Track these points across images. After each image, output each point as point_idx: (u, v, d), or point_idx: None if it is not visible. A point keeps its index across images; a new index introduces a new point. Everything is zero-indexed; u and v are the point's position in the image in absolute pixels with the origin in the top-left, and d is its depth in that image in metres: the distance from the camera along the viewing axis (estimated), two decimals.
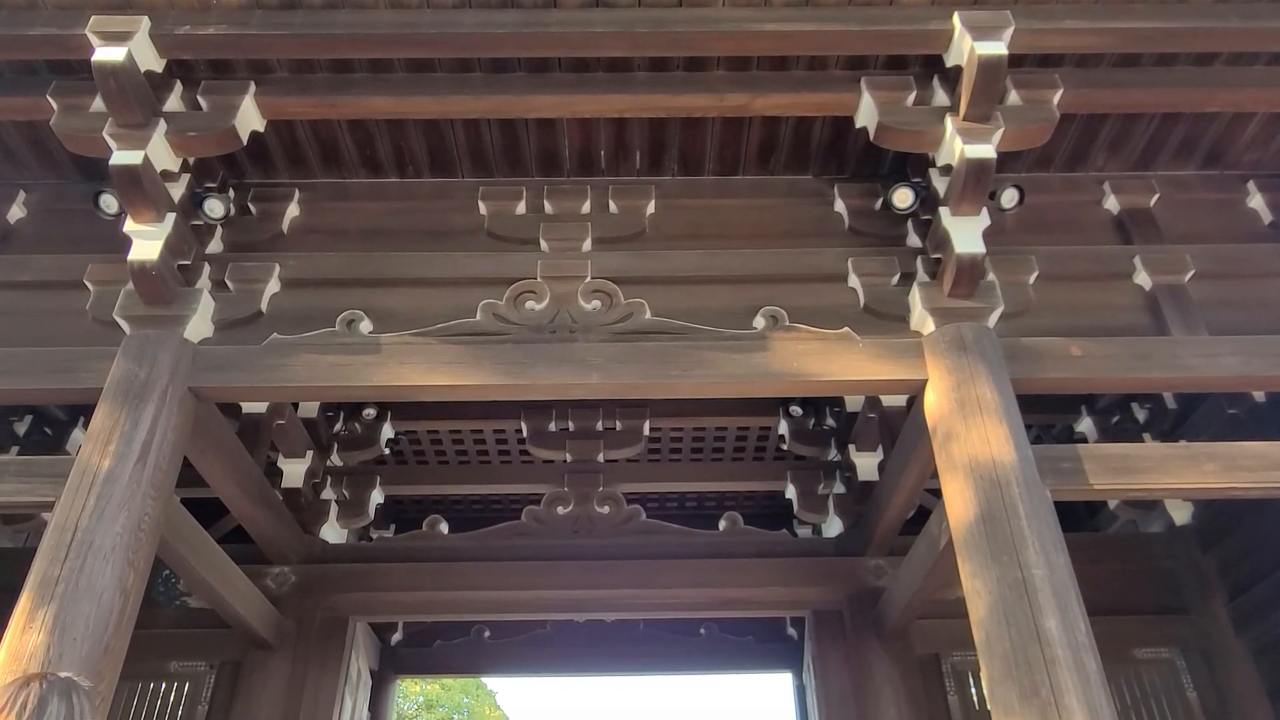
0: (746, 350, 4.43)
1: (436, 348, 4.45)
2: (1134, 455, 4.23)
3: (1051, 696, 3.43)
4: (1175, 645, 5.78)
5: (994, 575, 3.74)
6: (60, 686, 2.29)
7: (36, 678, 2.31)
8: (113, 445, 4.00)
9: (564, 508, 6.30)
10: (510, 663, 7.78)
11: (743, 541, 6.22)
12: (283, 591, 5.87)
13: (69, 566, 3.68)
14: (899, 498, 5.33)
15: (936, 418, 4.22)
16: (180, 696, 5.85)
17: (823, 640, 5.95)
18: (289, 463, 6.15)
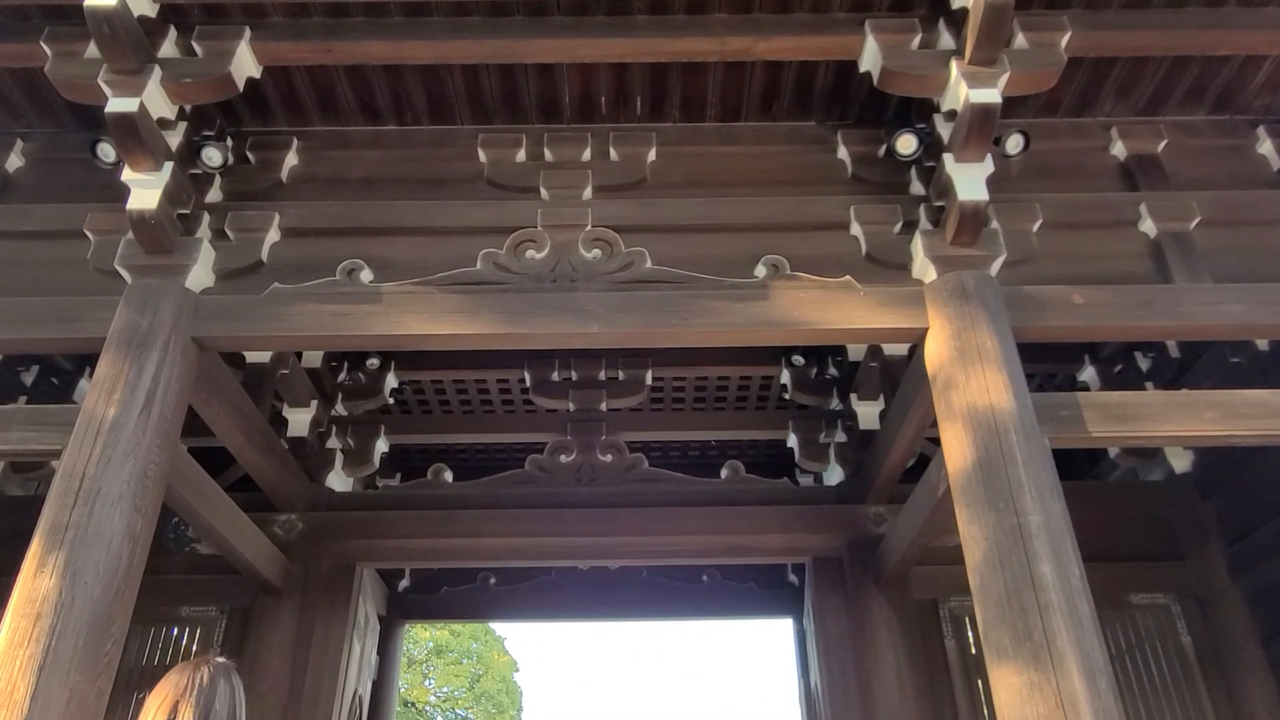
0: (747, 299, 4.43)
1: (437, 297, 4.45)
2: (1133, 403, 4.24)
3: (1044, 640, 3.49)
4: (1170, 591, 5.85)
5: (990, 522, 3.78)
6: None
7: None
8: (117, 394, 4.04)
9: (567, 456, 6.35)
10: (516, 609, 7.91)
11: (744, 489, 6.28)
12: (290, 539, 5.96)
13: (78, 513, 3.74)
14: (899, 446, 5.36)
15: (936, 366, 4.22)
16: (193, 640, 5.99)
17: (822, 586, 6.03)
18: (294, 412, 6.20)
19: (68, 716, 3.43)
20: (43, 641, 3.48)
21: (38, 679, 3.40)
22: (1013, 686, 3.49)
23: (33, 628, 3.50)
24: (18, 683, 3.40)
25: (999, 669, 3.58)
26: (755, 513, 6.09)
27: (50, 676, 3.43)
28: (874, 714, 5.48)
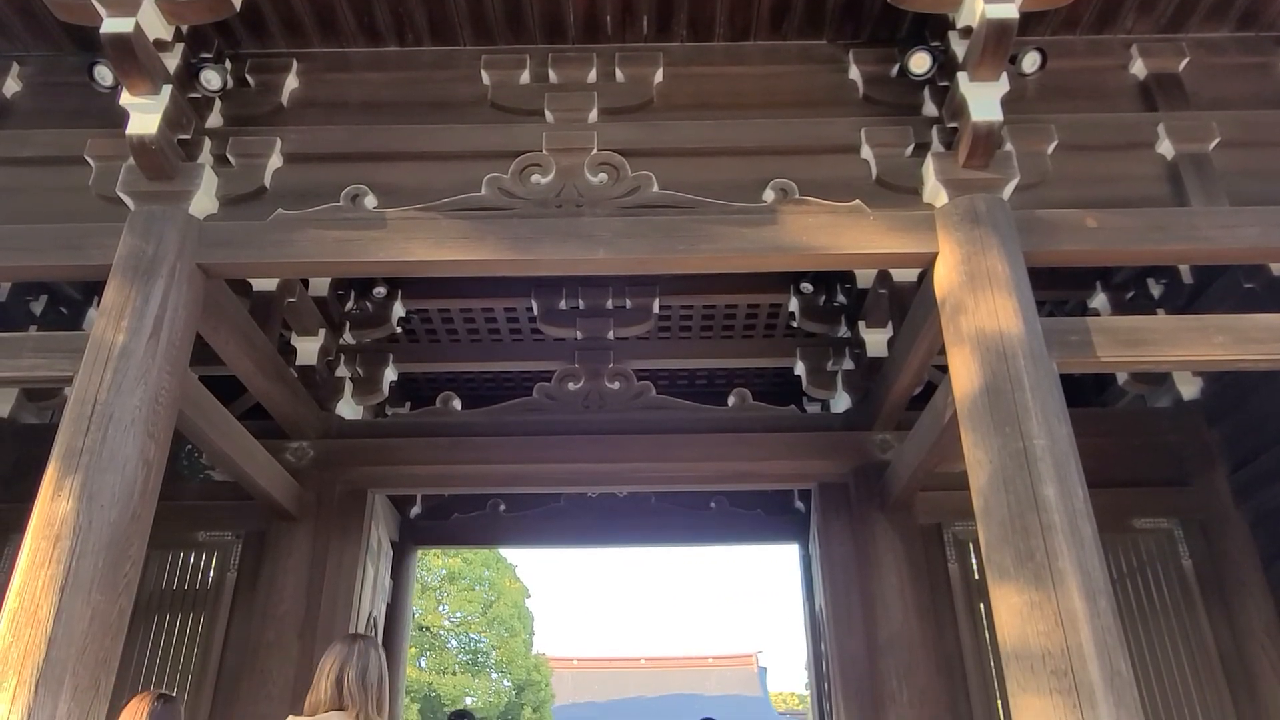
0: (755, 224, 4.38)
1: (442, 223, 4.41)
2: (1143, 328, 4.21)
3: (1046, 560, 3.54)
4: (1174, 515, 5.90)
5: (996, 445, 3.80)
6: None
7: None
8: (125, 321, 4.05)
9: (575, 384, 6.38)
10: (525, 535, 8.04)
11: (751, 417, 6.31)
12: (302, 465, 6.04)
13: (91, 438, 3.79)
14: (906, 373, 5.36)
15: (946, 291, 4.19)
16: (210, 564, 6.12)
17: (828, 511, 6.11)
18: (302, 340, 6.23)
19: (91, 634, 3.53)
20: (63, 562, 3.56)
21: (60, 598, 3.49)
22: (1013, 605, 3.55)
23: (52, 549, 3.58)
24: (41, 601, 3.49)
25: (1000, 588, 3.63)
26: (762, 439, 6.13)
27: (72, 596, 3.52)
28: (877, 635, 5.60)
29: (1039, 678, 3.39)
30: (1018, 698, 3.49)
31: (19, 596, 3.51)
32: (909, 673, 5.46)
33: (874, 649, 5.57)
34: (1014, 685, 3.52)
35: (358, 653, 3.21)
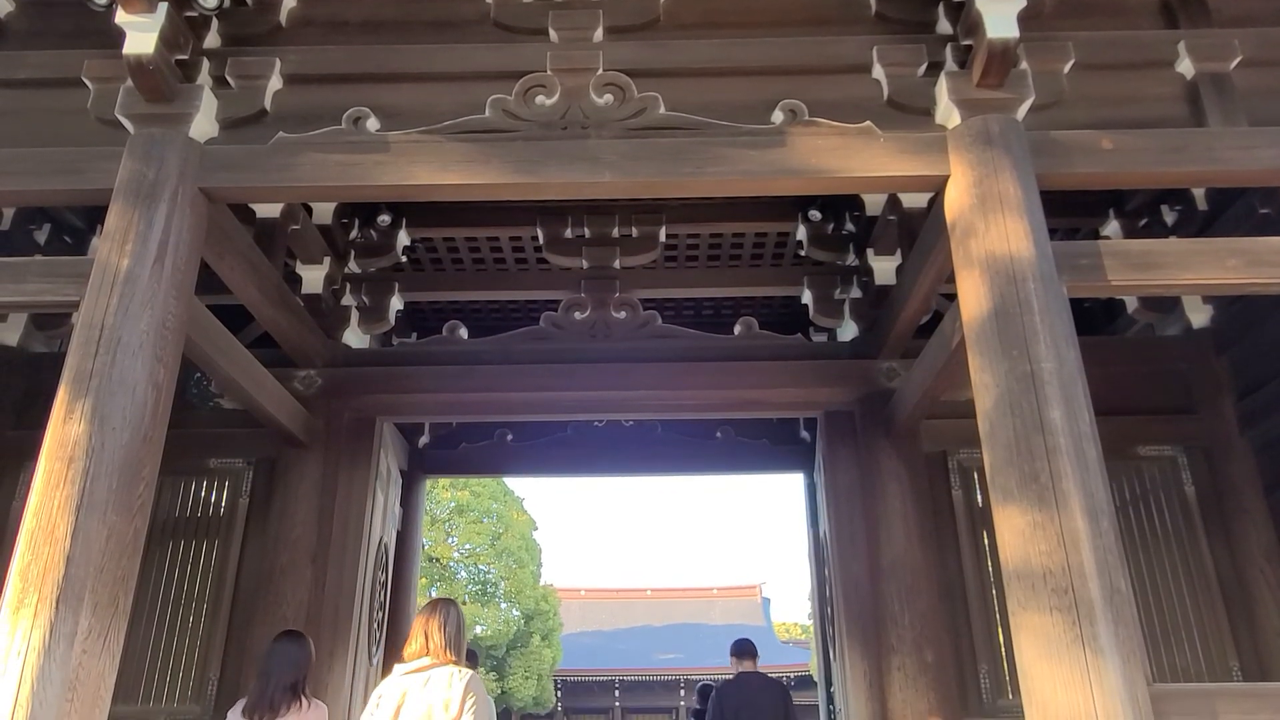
0: (764, 146, 4.30)
1: (446, 146, 4.35)
2: (1155, 251, 4.16)
3: (1050, 482, 3.56)
4: (1178, 443, 5.93)
5: (1003, 369, 3.79)
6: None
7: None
8: (129, 245, 4.03)
9: (581, 313, 6.36)
10: (532, 463, 8.12)
11: (758, 345, 6.31)
12: (310, 393, 6.08)
13: (100, 361, 3.81)
14: (914, 300, 5.33)
15: (956, 214, 4.14)
16: (222, 490, 6.22)
17: (834, 439, 6.14)
18: (307, 269, 6.20)
19: (108, 553, 3.60)
20: (78, 483, 3.61)
21: (76, 518, 3.55)
22: (1016, 527, 3.59)
23: (67, 470, 3.63)
24: (58, 521, 3.55)
25: (1004, 510, 3.66)
26: (768, 368, 6.14)
27: (88, 516, 3.57)
28: (880, 560, 5.68)
29: (1039, 596, 3.44)
30: (1018, 616, 3.54)
31: (36, 516, 3.57)
32: (911, 596, 5.55)
33: (877, 573, 5.66)
34: (1014, 604, 3.57)
35: (444, 612, 3.87)
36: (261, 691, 4.02)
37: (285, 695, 3.99)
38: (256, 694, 4.05)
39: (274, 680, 4.02)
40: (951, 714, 5.33)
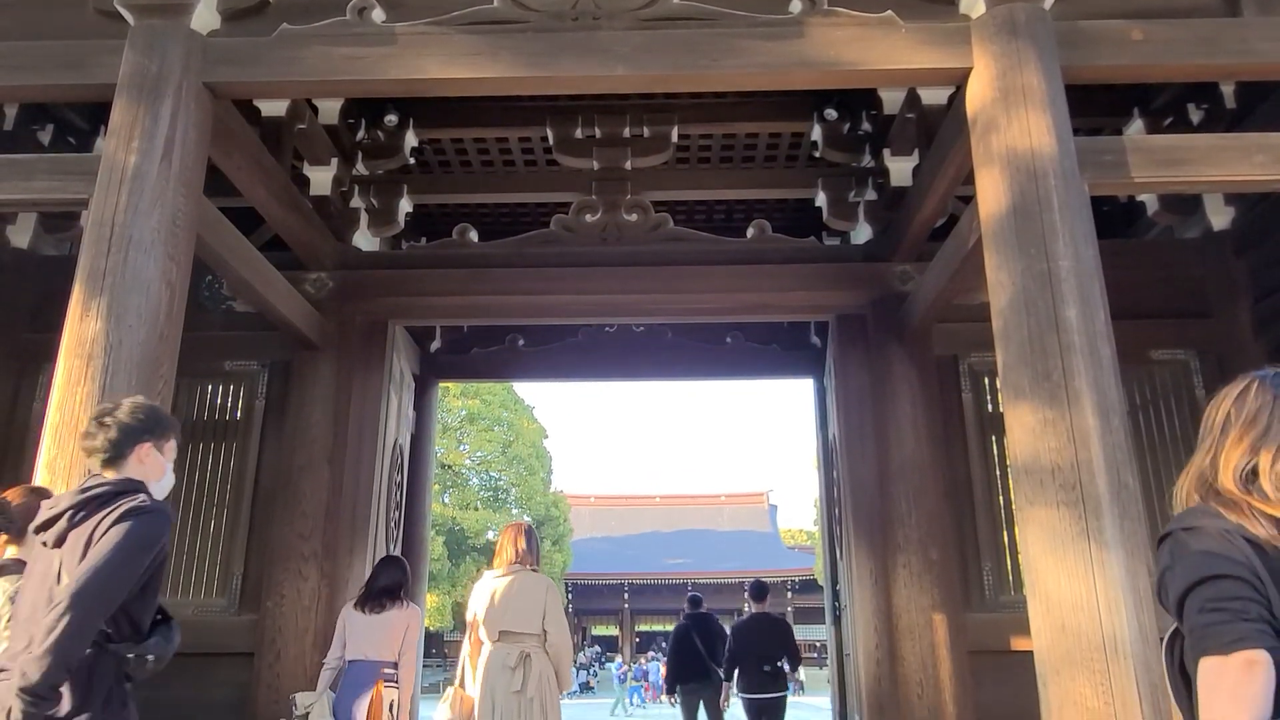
0: (780, 37, 4.17)
1: (454, 38, 4.23)
2: (1181, 146, 4.07)
3: (1062, 380, 3.57)
4: (1191, 347, 5.91)
5: (1020, 268, 3.76)
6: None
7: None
8: (135, 142, 3.98)
9: (592, 216, 6.30)
10: (543, 369, 8.16)
11: (770, 248, 6.25)
12: (322, 296, 6.08)
13: (113, 259, 3.81)
14: (931, 201, 5.26)
15: (978, 108, 4.03)
16: (238, 393, 6.29)
17: (845, 343, 6.15)
18: (315, 170, 6.13)
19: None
20: (98, 380, 3.65)
21: None
22: (1027, 424, 3.62)
23: (86, 367, 3.67)
24: (80, 416, 3.60)
25: (1015, 408, 3.69)
26: (781, 271, 6.10)
27: None
28: (889, 462, 5.75)
29: (1047, 491, 3.49)
30: (1025, 511, 3.60)
31: (59, 410, 3.63)
32: (919, 497, 5.64)
33: (886, 475, 5.74)
34: (1022, 500, 3.63)
35: (525, 531, 4.63)
36: (369, 592, 4.85)
37: (387, 596, 4.78)
38: (364, 593, 4.87)
39: (378, 584, 4.84)
40: (954, 610, 5.48)
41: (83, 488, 2.23)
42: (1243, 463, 1.49)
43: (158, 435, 2.46)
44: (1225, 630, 1.32)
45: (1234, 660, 1.30)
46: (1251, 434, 1.51)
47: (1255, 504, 1.44)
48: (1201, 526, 1.44)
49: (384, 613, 4.73)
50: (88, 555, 2.05)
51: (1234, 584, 1.36)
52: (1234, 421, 1.54)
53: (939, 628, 5.44)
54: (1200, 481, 1.55)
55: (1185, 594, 1.40)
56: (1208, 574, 1.38)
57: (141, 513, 2.15)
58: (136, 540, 2.11)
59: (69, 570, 2.08)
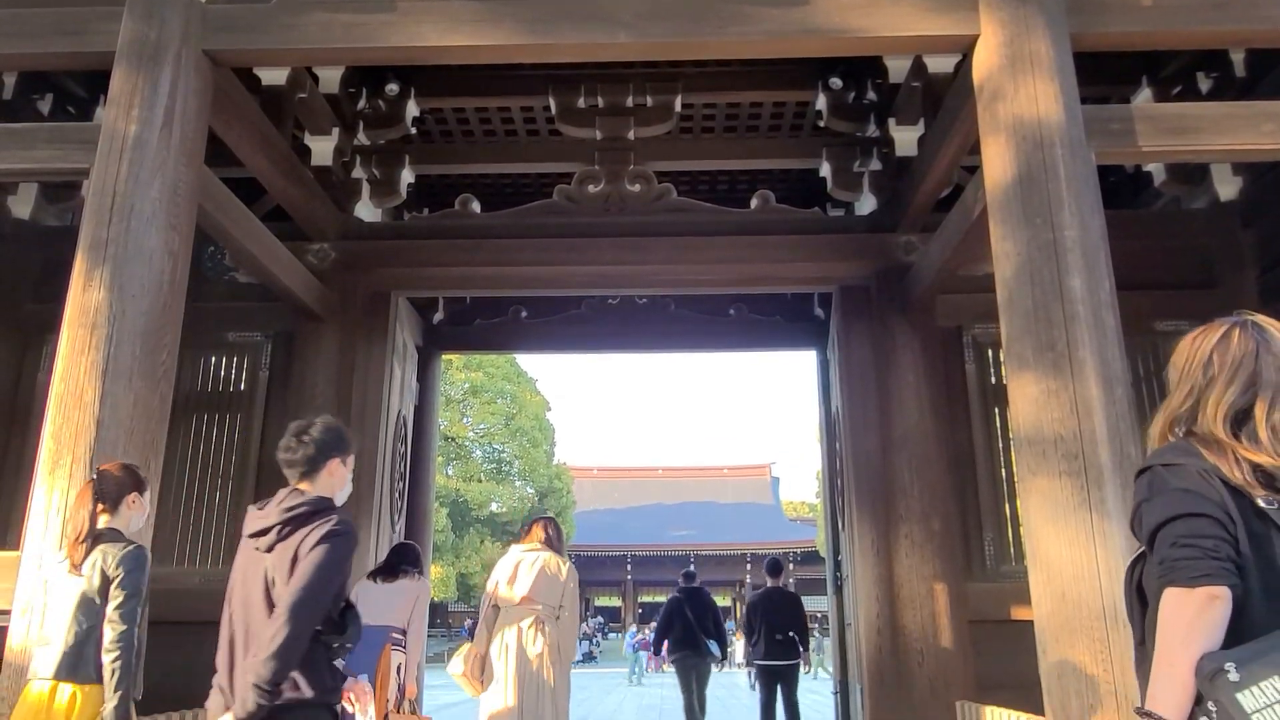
0: (786, 4, 4.12)
1: (455, 5, 4.18)
2: (1190, 115, 4.04)
3: (1066, 350, 3.56)
4: (1197, 319, 5.77)
5: (1025, 237, 3.74)
6: None
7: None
8: (135, 110, 3.96)
9: (595, 186, 6.26)
10: (546, 340, 8.15)
11: (774, 219, 6.22)
12: (324, 267, 6.07)
13: (115, 229, 3.80)
14: (936, 170, 5.22)
15: (985, 76, 3.99)
16: (241, 363, 6.29)
17: (848, 314, 6.13)
18: (316, 140, 6.09)
19: (136, 418, 3.68)
20: (102, 349, 3.66)
21: (103, 383, 3.62)
22: (1030, 395, 3.62)
23: (90, 336, 3.67)
24: (85, 386, 3.62)
25: (1018, 378, 3.68)
26: (785, 242, 6.07)
27: (114, 381, 3.64)
28: (892, 432, 5.76)
29: (1050, 462, 3.50)
30: (1027, 481, 3.61)
31: (64, 381, 3.64)
32: (921, 468, 5.66)
33: (888, 446, 5.75)
34: (1024, 470, 3.63)
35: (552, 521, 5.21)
36: (385, 564, 5.12)
37: (401, 569, 5.00)
38: (380, 567, 5.13)
39: (393, 560, 5.12)
40: (955, 579, 5.51)
41: (286, 507, 2.58)
42: (1232, 408, 1.54)
43: (343, 452, 2.79)
44: (1193, 565, 1.42)
45: (1198, 594, 1.41)
46: (1240, 379, 1.57)
47: (1241, 449, 1.50)
48: (1182, 465, 1.51)
49: (396, 582, 4.95)
50: (297, 571, 2.48)
51: (1207, 522, 1.45)
52: (1219, 367, 1.59)
53: (940, 597, 5.47)
54: (1175, 424, 1.63)
55: (1160, 527, 1.47)
56: (1183, 511, 1.46)
57: (337, 535, 2.52)
58: (336, 560, 2.51)
59: (278, 574, 2.52)
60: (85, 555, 3.01)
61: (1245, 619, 1.43)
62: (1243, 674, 1.36)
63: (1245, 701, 1.35)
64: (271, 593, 2.52)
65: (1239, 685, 1.36)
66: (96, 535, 3.04)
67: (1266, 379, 1.56)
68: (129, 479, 3.20)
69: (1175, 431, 1.63)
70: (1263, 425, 1.52)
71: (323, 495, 2.64)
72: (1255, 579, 1.44)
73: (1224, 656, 1.39)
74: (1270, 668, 1.35)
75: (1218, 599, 1.41)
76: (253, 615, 2.53)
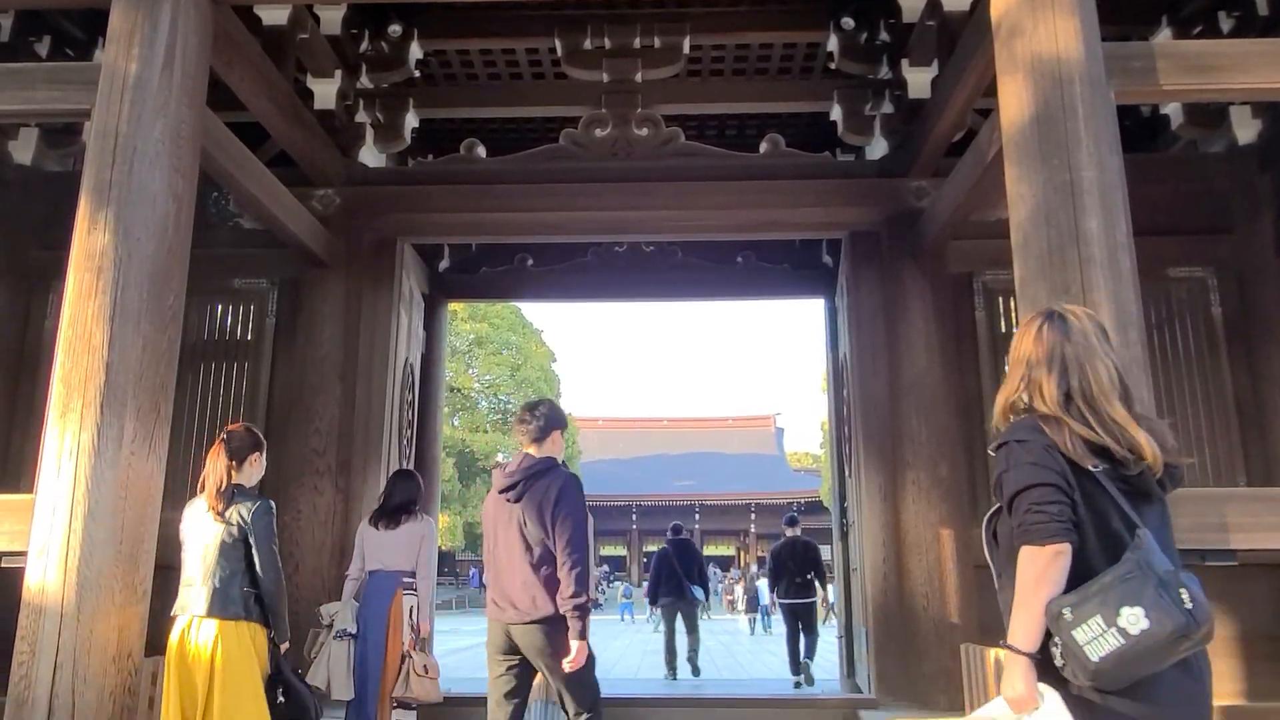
0: None
1: None
2: (1212, 53, 3.94)
3: (1081, 293, 3.51)
4: (1210, 264, 5.83)
5: (1041, 179, 3.68)
6: None
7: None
8: (135, 49, 3.89)
9: (602, 130, 6.17)
10: (552, 289, 8.10)
11: (783, 164, 6.14)
12: (330, 213, 6.02)
13: (118, 171, 3.75)
14: (949, 113, 5.13)
15: (1003, 11, 3.89)
16: (248, 310, 6.28)
17: (858, 260, 6.08)
18: (319, 83, 5.99)
19: (145, 361, 3.67)
20: (108, 293, 3.64)
21: (111, 327, 3.61)
22: None
23: (96, 280, 3.65)
24: (93, 330, 3.60)
25: None
26: (794, 187, 6.00)
27: (122, 325, 3.63)
28: (900, 380, 5.75)
29: None
30: None
31: (71, 325, 3.63)
32: (929, 413, 5.66)
33: (897, 392, 5.74)
34: None
35: None
36: (384, 508, 4.99)
37: (402, 512, 4.91)
38: (379, 511, 5.01)
39: (394, 500, 4.97)
40: (961, 525, 5.54)
41: (525, 467, 3.52)
42: (1059, 390, 1.94)
43: (562, 425, 3.69)
44: (1043, 529, 1.81)
45: (1046, 551, 1.81)
46: (1056, 368, 1.96)
47: (1071, 425, 1.89)
48: (1030, 441, 1.90)
49: (399, 528, 4.88)
50: (558, 515, 3.38)
51: (1052, 490, 1.84)
52: (1038, 358, 1.99)
53: (945, 542, 5.51)
54: (1012, 406, 2.04)
55: (1016, 495, 1.88)
56: (1033, 482, 1.85)
57: (572, 478, 3.54)
58: (580, 495, 3.50)
59: (528, 516, 3.42)
60: (225, 505, 3.55)
61: (1084, 562, 1.82)
62: (1075, 614, 1.74)
63: (1079, 635, 1.73)
64: (524, 531, 3.42)
65: (1073, 624, 1.74)
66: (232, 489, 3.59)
67: (1071, 366, 1.95)
68: (251, 439, 3.75)
69: (1012, 413, 2.02)
70: (1082, 404, 1.91)
71: (548, 456, 3.56)
72: (1090, 529, 1.85)
73: (1063, 601, 1.77)
74: (1095, 608, 1.72)
75: (1061, 554, 1.80)
76: (513, 548, 3.43)
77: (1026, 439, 1.90)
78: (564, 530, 3.32)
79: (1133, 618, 1.69)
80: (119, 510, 3.49)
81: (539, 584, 3.36)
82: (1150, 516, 1.86)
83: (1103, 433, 1.87)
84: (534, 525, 3.38)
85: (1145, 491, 1.89)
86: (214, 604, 3.46)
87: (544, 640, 3.34)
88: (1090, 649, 1.70)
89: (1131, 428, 1.88)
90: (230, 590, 3.47)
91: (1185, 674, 1.77)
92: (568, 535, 3.32)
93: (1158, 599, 1.69)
